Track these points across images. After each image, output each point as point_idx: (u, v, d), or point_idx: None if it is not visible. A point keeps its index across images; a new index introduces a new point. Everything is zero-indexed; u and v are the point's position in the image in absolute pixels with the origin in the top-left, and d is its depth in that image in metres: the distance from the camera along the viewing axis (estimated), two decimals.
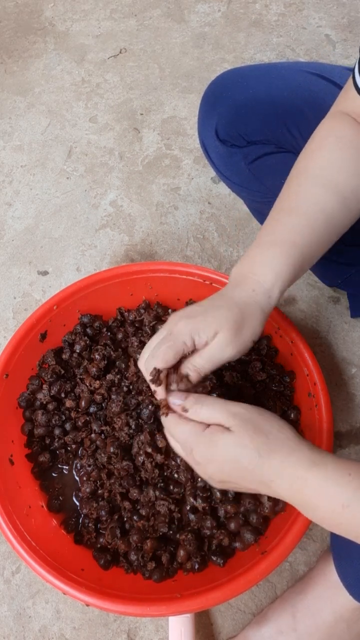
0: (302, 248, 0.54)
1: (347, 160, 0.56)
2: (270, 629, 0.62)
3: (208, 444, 0.47)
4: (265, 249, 0.54)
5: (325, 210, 0.55)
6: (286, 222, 0.55)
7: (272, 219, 0.56)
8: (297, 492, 0.43)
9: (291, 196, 0.56)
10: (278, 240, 0.54)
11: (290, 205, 0.56)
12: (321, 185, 0.55)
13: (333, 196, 0.55)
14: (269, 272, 0.52)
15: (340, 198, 0.55)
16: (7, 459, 0.64)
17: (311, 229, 0.54)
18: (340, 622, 0.59)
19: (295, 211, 0.55)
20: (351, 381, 0.85)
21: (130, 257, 0.99)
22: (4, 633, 0.69)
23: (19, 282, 0.97)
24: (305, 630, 0.60)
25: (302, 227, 0.54)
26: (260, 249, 0.54)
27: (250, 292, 0.52)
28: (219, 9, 1.37)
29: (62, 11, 1.41)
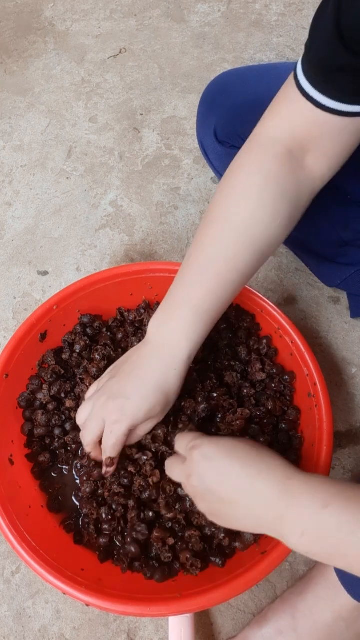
0: (215, 309, 0.56)
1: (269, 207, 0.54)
2: (270, 629, 0.62)
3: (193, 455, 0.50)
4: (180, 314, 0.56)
5: (240, 267, 0.55)
6: (203, 284, 0.55)
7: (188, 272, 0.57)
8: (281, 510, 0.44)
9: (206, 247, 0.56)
10: (192, 305, 0.55)
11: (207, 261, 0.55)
12: (238, 239, 0.54)
13: (248, 249, 0.55)
14: (186, 344, 0.56)
15: (255, 249, 0.55)
16: (7, 459, 0.64)
17: (224, 287, 0.55)
18: (340, 622, 0.59)
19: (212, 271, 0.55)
20: (351, 381, 0.85)
21: (130, 257, 0.99)
22: (4, 633, 0.69)
23: (19, 282, 0.97)
24: (305, 630, 0.60)
25: (217, 287, 0.55)
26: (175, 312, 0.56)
27: (171, 371, 0.56)
28: (219, 9, 1.37)
29: (62, 11, 1.41)
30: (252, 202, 0.54)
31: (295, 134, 0.54)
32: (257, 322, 0.76)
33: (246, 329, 0.75)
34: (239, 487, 0.46)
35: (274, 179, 0.54)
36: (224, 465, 0.48)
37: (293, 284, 0.94)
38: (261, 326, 0.76)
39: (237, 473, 0.47)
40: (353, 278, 0.82)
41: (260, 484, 0.45)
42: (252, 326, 0.76)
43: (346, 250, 0.80)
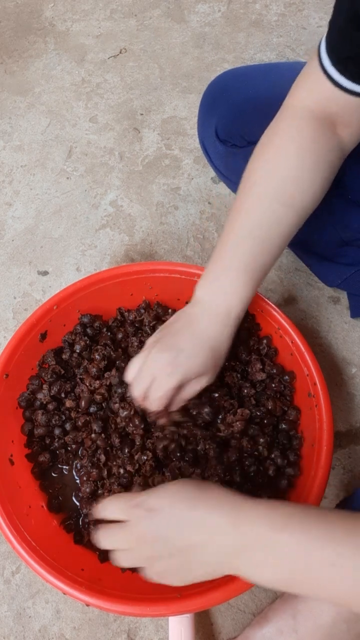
0: (262, 270, 0.58)
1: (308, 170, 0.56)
2: (270, 629, 0.62)
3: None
4: (231, 276, 0.57)
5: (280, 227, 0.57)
6: (249, 246, 0.57)
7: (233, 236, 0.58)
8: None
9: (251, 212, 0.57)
10: (242, 268, 0.57)
11: (252, 224, 0.57)
12: (282, 203, 0.56)
13: (289, 212, 0.56)
14: (238, 302, 0.57)
15: (296, 213, 0.57)
16: (7, 459, 0.64)
17: (270, 250, 0.57)
18: (341, 623, 0.58)
19: (258, 234, 0.56)
20: (351, 381, 0.85)
21: (130, 257, 0.99)
22: (4, 633, 0.69)
23: (19, 282, 0.97)
24: (306, 630, 0.60)
25: (263, 251, 0.57)
26: (224, 275, 0.57)
27: (223, 328, 0.57)
28: (219, 9, 1.37)
29: (62, 11, 1.41)
30: (293, 164, 0.56)
31: (320, 106, 0.56)
32: (257, 322, 0.76)
33: (246, 329, 0.75)
34: (192, 529, 0.44)
35: (311, 142, 0.56)
36: (171, 512, 0.45)
37: (293, 284, 0.94)
38: (261, 326, 0.76)
39: (188, 518, 0.44)
40: (353, 278, 0.82)
41: (212, 520, 0.43)
42: (252, 326, 0.76)
43: (346, 250, 0.80)
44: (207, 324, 0.56)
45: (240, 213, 0.57)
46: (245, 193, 0.58)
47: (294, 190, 0.56)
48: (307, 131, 0.56)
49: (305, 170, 0.56)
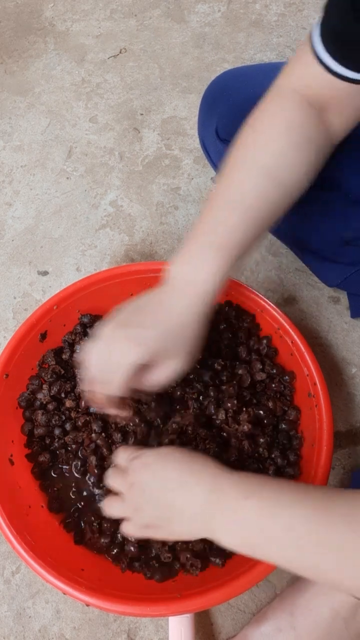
0: (243, 247, 0.53)
1: (295, 150, 0.55)
2: (269, 627, 0.62)
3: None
4: (207, 250, 0.52)
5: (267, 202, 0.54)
6: (229, 220, 0.53)
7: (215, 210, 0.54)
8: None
9: (234, 187, 0.54)
10: (220, 242, 0.52)
11: (234, 198, 0.54)
12: (264, 177, 0.54)
13: (276, 189, 0.54)
14: (212, 280, 0.52)
15: (283, 189, 0.55)
16: (7, 459, 0.64)
17: (253, 226, 0.53)
18: (338, 620, 0.59)
19: (239, 207, 0.53)
20: (351, 381, 0.85)
21: (130, 257, 0.99)
22: (4, 633, 0.69)
23: (19, 282, 0.97)
24: (304, 627, 0.60)
25: (245, 225, 0.53)
26: (201, 250, 0.52)
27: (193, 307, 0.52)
28: (219, 9, 1.37)
29: (62, 11, 1.41)
30: (280, 144, 0.54)
31: (311, 91, 0.55)
32: (257, 322, 0.76)
33: (246, 329, 0.75)
34: (174, 489, 0.48)
35: (299, 124, 0.55)
36: (161, 470, 0.50)
37: (293, 284, 0.94)
38: (261, 326, 0.76)
39: (172, 476, 0.49)
40: (353, 278, 0.82)
41: (193, 483, 0.47)
42: (252, 326, 0.76)
43: (346, 250, 0.80)
44: (177, 303, 0.51)
45: (223, 187, 0.54)
46: (231, 168, 0.55)
47: (280, 166, 0.54)
48: (295, 112, 0.55)
49: (292, 149, 0.54)
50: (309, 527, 0.40)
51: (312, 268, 0.90)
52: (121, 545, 0.61)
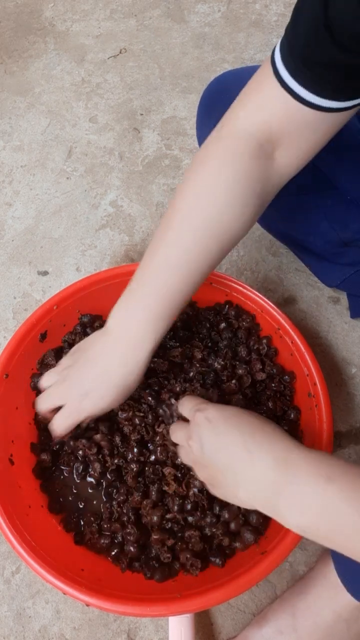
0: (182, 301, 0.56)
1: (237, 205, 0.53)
2: (270, 629, 0.62)
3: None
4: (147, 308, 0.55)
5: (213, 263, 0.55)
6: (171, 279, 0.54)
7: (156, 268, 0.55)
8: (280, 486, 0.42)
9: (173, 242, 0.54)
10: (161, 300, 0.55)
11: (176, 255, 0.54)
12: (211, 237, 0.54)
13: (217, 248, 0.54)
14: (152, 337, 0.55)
15: (223, 248, 0.55)
16: (7, 459, 0.64)
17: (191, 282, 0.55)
18: (340, 622, 0.59)
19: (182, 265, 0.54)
20: (351, 381, 0.85)
21: (130, 257, 0.99)
22: (4, 633, 0.69)
23: (19, 282, 0.97)
24: (305, 630, 0.60)
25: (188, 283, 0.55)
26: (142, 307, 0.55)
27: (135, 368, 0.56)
28: (219, 9, 1.37)
29: (62, 11, 1.41)
30: (221, 199, 0.52)
31: (267, 124, 0.51)
32: (257, 322, 0.76)
33: (246, 329, 0.75)
34: (236, 455, 0.45)
35: (244, 174, 0.52)
36: (224, 431, 0.47)
37: (293, 284, 0.94)
38: (261, 326, 0.76)
39: (236, 440, 0.46)
40: (353, 278, 0.82)
41: (258, 454, 0.44)
42: (252, 326, 0.76)
43: (346, 250, 0.80)
44: (118, 360, 0.56)
45: (164, 242, 0.54)
46: (172, 222, 0.54)
47: (219, 226, 0.53)
48: (242, 161, 0.52)
49: (235, 207, 0.53)
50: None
51: (312, 268, 0.90)
52: (121, 545, 0.61)
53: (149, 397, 0.65)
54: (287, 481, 0.42)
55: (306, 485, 0.41)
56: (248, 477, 0.44)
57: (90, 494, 0.65)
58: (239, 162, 0.52)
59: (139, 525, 0.61)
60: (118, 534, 0.62)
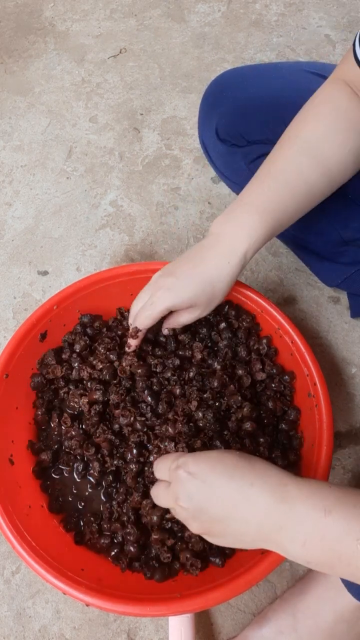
0: (280, 215, 0.58)
1: (338, 132, 0.58)
2: (270, 629, 0.62)
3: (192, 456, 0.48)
4: (245, 211, 0.58)
5: (308, 181, 0.58)
6: (268, 187, 0.58)
7: (256, 179, 0.60)
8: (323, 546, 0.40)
9: (277, 161, 0.59)
10: (258, 205, 0.58)
11: (275, 169, 0.59)
12: (308, 155, 0.58)
13: (318, 167, 0.58)
14: (246, 239, 0.57)
15: (324, 170, 0.58)
16: (7, 459, 0.64)
17: (291, 197, 0.58)
18: (341, 623, 0.59)
19: (278, 177, 0.58)
20: (351, 381, 0.85)
21: (130, 257, 0.99)
22: (4, 633, 0.69)
23: (19, 282, 0.97)
24: (306, 630, 0.60)
25: (283, 195, 0.58)
26: (240, 210, 0.59)
27: (225, 264, 0.57)
28: (219, 9, 1.37)
29: (62, 11, 1.41)
30: (323, 125, 0.58)
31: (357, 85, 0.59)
32: (257, 322, 0.76)
33: (246, 329, 0.75)
34: (230, 501, 0.43)
35: (344, 110, 0.58)
36: (211, 481, 0.45)
37: (293, 284, 0.94)
38: (261, 326, 0.76)
39: (226, 487, 0.44)
40: (353, 278, 0.82)
41: (254, 494, 0.43)
42: (252, 326, 0.76)
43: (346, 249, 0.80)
44: (209, 257, 0.58)
45: (267, 162, 0.60)
46: (276, 147, 0.60)
47: (320, 147, 0.57)
48: (342, 100, 0.58)
49: (337, 134, 0.58)
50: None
51: (312, 268, 0.90)
52: (121, 545, 0.61)
53: (149, 398, 0.65)
54: (287, 518, 0.41)
55: (306, 519, 0.40)
56: (249, 521, 0.43)
57: (90, 494, 0.65)
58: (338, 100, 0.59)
59: (139, 525, 0.61)
60: (118, 534, 0.62)
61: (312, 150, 0.58)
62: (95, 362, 0.69)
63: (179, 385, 0.67)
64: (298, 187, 0.58)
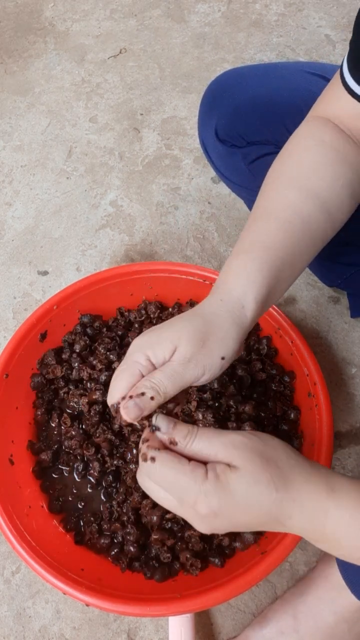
0: (277, 252, 0.48)
1: (327, 165, 0.52)
2: (271, 629, 0.62)
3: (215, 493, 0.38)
4: (236, 257, 0.48)
5: (301, 214, 0.50)
6: (258, 227, 0.50)
7: (246, 228, 0.52)
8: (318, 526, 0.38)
9: (264, 202, 0.52)
10: (248, 246, 0.49)
11: (263, 211, 0.51)
12: (296, 188, 0.51)
13: (310, 200, 0.51)
14: (239, 280, 0.47)
15: (318, 202, 0.51)
16: (7, 459, 0.64)
17: (285, 232, 0.49)
18: (342, 623, 0.59)
19: (267, 216, 0.50)
20: (351, 381, 0.85)
21: (130, 257, 0.99)
22: (4, 633, 0.69)
23: (19, 282, 0.97)
24: (307, 631, 0.60)
25: (275, 230, 0.49)
26: (232, 259, 0.49)
27: (218, 301, 0.46)
28: (219, 9, 1.37)
29: (62, 11, 1.41)
30: (309, 158, 0.53)
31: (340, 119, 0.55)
32: (257, 322, 0.76)
33: None
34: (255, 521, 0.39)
35: (330, 145, 0.53)
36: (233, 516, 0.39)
37: (293, 284, 0.94)
38: (261, 326, 0.76)
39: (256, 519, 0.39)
40: (353, 277, 0.82)
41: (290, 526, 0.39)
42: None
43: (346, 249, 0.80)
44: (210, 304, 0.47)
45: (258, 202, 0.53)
46: (262, 186, 0.54)
47: (309, 180, 0.52)
48: (326, 133, 0.54)
49: (322, 165, 0.53)
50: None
51: (312, 268, 0.90)
52: (121, 545, 0.61)
53: None
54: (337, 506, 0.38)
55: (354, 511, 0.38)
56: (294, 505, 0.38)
57: (90, 494, 0.65)
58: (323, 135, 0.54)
59: (139, 525, 0.61)
60: (118, 533, 0.62)
61: (300, 184, 0.51)
62: (95, 362, 0.69)
63: None
64: (291, 221, 0.50)
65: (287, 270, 0.49)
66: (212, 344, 0.43)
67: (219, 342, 0.44)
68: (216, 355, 0.43)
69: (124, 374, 0.43)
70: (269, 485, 0.38)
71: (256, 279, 0.47)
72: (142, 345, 0.44)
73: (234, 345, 0.44)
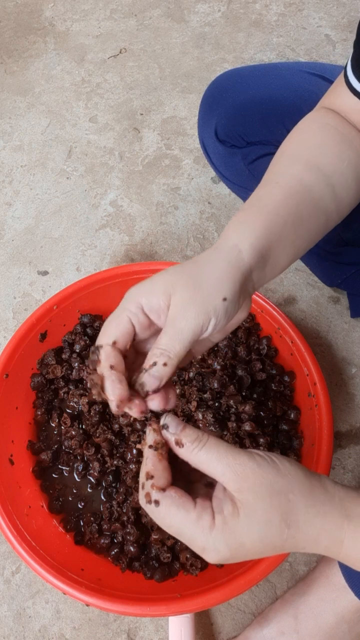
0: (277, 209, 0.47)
1: (332, 145, 0.54)
2: (271, 630, 0.62)
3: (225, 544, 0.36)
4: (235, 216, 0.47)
5: (304, 182, 0.50)
6: (259, 192, 0.49)
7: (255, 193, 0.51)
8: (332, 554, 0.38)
9: (268, 175, 0.52)
10: (248, 206, 0.48)
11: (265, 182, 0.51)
12: (301, 163, 0.51)
13: (313, 172, 0.50)
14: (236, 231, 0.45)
15: (322, 176, 0.51)
16: (7, 459, 0.64)
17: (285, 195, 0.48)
18: (342, 624, 0.59)
19: (269, 183, 0.50)
20: (351, 381, 0.85)
21: (130, 257, 0.99)
22: (4, 633, 0.69)
23: (19, 282, 0.97)
24: (307, 631, 0.60)
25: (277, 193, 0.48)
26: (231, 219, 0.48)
27: (212, 250, 0.44)
28: (219, 9, 1.37)
29: (62, 11, 1.41)
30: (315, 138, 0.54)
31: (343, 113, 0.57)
32: (257, 322, 0.76)
33: (246, 329, 0.75)
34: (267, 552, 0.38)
35: (335, 128, 0.55)
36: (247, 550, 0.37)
37: (293, 284, 0.94)
38: (261, 326, 0.76)
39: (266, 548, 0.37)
40: (353, 278, 0.82)
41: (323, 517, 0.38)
42: (252, 326, 0.76)
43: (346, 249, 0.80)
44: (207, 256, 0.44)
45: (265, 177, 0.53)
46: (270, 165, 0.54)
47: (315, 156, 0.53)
48: (329, 118, 0.56)
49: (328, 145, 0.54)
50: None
51: (312, 268, 0.90)
52: (121, 545, 0.61)
53: None
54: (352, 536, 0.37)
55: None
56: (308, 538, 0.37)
57: (90, 494, 0.65)
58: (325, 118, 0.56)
59: (139, 525, 0.61)
60: (118, 533, 0.62)
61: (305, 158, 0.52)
62: None
63: (178, 386, 0.67)
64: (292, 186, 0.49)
65: (289, 231, 0.47)
66: (209, 285, 0.41)
67: (216, 282, 0.41)
68: (216, 296, 0.40)
69: (114, 321, 0.42)
70: (281, 524, 0.36)
71: (255, 227, 0.45)
72: (135, 294, 0.41)
73: (233, 285, 0.42)
